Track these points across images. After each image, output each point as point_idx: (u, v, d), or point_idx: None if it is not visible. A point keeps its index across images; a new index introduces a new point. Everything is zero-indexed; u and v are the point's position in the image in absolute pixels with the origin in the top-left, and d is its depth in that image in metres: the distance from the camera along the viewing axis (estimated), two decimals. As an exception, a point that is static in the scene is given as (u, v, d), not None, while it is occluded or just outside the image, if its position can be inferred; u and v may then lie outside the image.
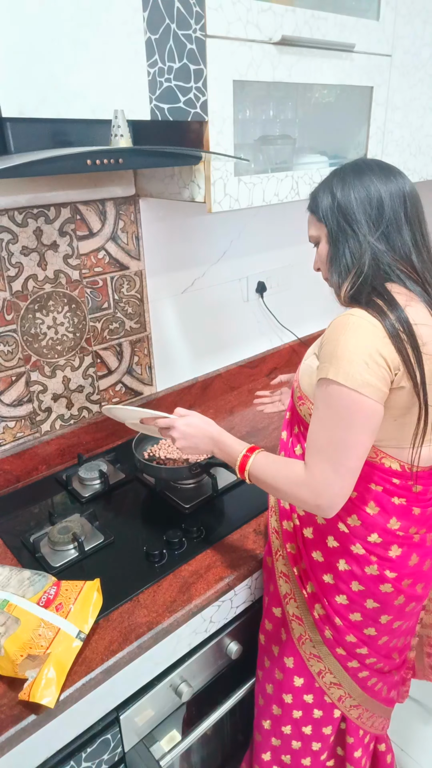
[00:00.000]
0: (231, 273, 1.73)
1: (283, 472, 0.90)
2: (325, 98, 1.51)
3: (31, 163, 0.79)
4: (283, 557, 1.05)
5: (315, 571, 1.00)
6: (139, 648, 0.94)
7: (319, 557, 0.99)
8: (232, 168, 1.14)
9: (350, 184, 0.89)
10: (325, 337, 0.85)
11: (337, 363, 0.80)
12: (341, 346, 0.81)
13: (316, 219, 0.94)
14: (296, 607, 1.04)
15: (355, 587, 0.96)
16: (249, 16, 1.05)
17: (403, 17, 1.39)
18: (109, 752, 1.01)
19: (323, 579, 0.99)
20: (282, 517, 1.05)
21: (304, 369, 0.97)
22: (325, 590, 0.99)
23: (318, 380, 0.84)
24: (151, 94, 0.97)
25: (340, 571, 0.96)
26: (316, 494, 0.85)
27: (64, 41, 0.85)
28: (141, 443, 1.40)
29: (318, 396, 0.84)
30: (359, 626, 0.99)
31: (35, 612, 0.93)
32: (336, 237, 0.90)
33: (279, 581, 1.06)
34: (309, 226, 0.97)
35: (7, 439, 1.36)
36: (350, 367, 0.79)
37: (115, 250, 1.40)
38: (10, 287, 1.25)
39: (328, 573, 0.98)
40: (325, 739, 1.11)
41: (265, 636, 1.13)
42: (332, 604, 0.99)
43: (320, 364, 0.84)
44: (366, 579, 0.95)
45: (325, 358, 0.83)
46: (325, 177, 0.95)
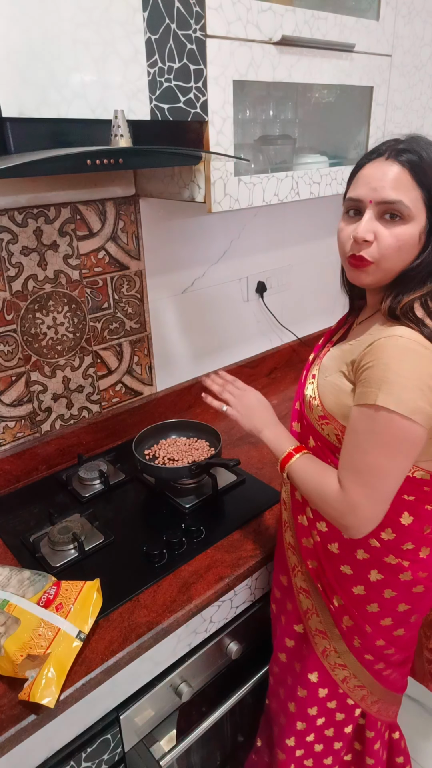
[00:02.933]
0: (231, 273, 1.73)
1: (317, 482, 0.88)
2: (325, 98, 1.51)
3: (31, 163, 0.79)
4: (302, 573, 1.02)
5: (343, 584, 0.97)
6: (139, 648, 0.94)
7: (348, 570, 0.95)
8: (232, 168, 1.14)
9: None
10: (367, 360, 0.80)
11: (389, 389, 0.76)
12: (393, 371, 0.76)
13: (422, 191, 0.79)
14: (320, 622, 1.02)
15: (387, 594, 0.95)
16: (249, 16, 1.05)
17: (403, 17, 1.39)
18: (109, 752, 1.01)
19: (353, 591, 0.96)
20: (300, 534, 1.01)
21: (328, 387, 0.90)
22: (356, 601, 0.96)
23: (360, 404, 0.80)
24: (151, 94, 0.97)
25: (372, 582, 0.94)
26: (346, 516, 0.83)
27: (64, 41, 0.85)
28: (141, 443, 1.40)
29: (359, 420, 0.80)
30: (389, 629, 0.98)
31: (35, 612, 0.93)
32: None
33: (299, 597, 1.04)
34: (398, 186, 0.79)
35: (7, 439, 1.36)
36: (403, 394, 0.75)
37: (115, 250, 1.40)
38: (10, 287, 1.25)
39: (358, 585, 0.95)
40: (345, 737, 1.12)
41: (286, 654, 1.10)
42: (363, 614, 0.97)
43: (363, 389, 0.79)
44: (399, 585, 0.94)
45: (372, 383, 0.77)
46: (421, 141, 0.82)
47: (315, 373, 0.96)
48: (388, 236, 0.80)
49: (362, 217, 0.81)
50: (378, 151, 0.82)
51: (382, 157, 0.81)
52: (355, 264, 0.84)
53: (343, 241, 0.85)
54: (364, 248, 0.82)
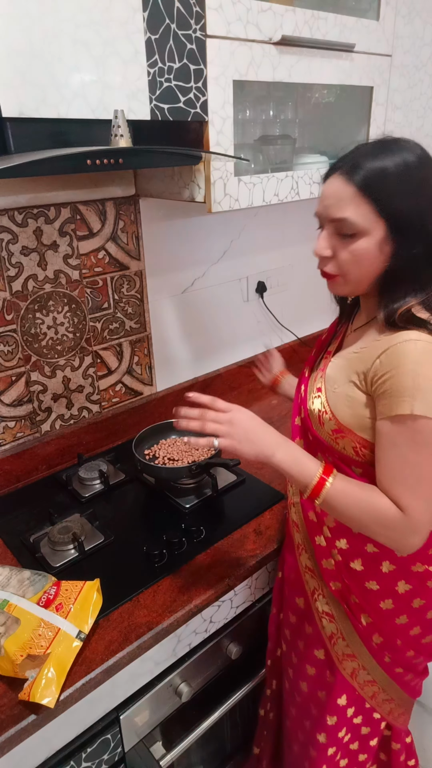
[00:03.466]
0: (231, 273, 1.73)
1: (367, 506, 0.81)
2: (325, 98, 1.51)
3: (31, 163, 0.79)
4: (324, 596, 0.98)
5: (370, 600, 0.94)
6: (139, 648, 0.94)
7: (374, 586, 0.92)
8: (232, 168, 1.14)
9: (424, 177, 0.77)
10: (385, 369, 0.78)
11: (423, 396, 0.74)
12: (422, 376, 0.74)
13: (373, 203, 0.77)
14: (347, 646, 0.98)
15: (416, 604, 0.93)
16: (249, 16, 1.05)
17: (403, 17, 1.39)
18: (109, 752, 1.01)
19: (381, 606, 0.94)
20: (320, 556, 0.96)
21: (341, 399, 0.86)
22: (385, 617, 0.94)
23: (391, 417, 0.77)
24: (151, 94, 0.97)
25: (401, 594, 0.92)
26: (410, 536, 0.80)
27: (64, 41, 0.85)
28: (141, 443, 1.40)
29: (396, 432, 0.77)
30: (418, 638, 0.97)
31: (35, 612, 0.93)
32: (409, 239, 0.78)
33: (321, 622, 1.00)
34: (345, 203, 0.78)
35: (7, 439, 1.36)
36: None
37: (115, 250, 1.40)
38: (10, 287, 1.25)
39: (386, 599, 0.93)
40: (370, 750, 1.10)
41: (307, 683, 1.06)
42: (393, 629, 0.95)
43: (391, 400, 0.77)
44: (428, 592, 0.92)
45: (402, 392, 0.75)
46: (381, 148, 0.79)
47: (320, 386, 0.92)
48: (344, 252, 0.81)
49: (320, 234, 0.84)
50: (335, 165, 0.83)
51: (336, 172, 0.81)
52: (324, 276, 0.87)
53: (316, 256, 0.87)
54: (325, 263, 0.84)
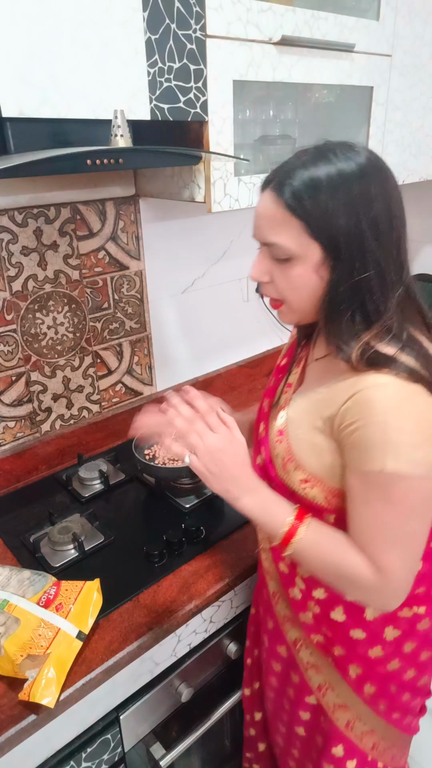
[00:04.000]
0: (231, 273, 1.73)
1: (342, 567, 0.74)
2: (325, 98, 1.51)
3: (31, 163, 0.79)
4: (306, 647, 0.91)
5: (357, 650, 0.86)
6: (139, 648, 0.94)
7: (360, 634, 0.84)
8: (232, 168, 1.14)
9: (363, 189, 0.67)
10: (353, 418, 0.68)
11: (395, 451, 0.65)
12: (393, 428, 0.65)
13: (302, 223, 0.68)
14: (337, 696, 0.90)
15: (408, 648, 0.87)
16: (249, 16, 1.05)
17: (403, 17, 1.39)
18: (109, 752, 1.01)
19: (369, 655, 0.86)
20: (296, 608, 0.89)
21: (306, 446, 0.77)
22: (374, 665, 0.87)
23: (362, 472, 0.69)
24: (151, 94, 0.97)
25: (390, 641, 0.85)
26: (387, 598, 0.75)
27: (64, 41, 0.85)
28: (141, 443, 1.40)
29: (367, 489, 0.69)
30: (413, 681, 0.91)
31: (35, 612, 0.93)
32: (348, 263, 0.68)
33: (307, 673, 0.93)
34: (273, 225, 0.70)
35: (7, 439, 1.36)
36: (414, 453, 0.65)
37: (115, 250, 1.40)
38: (10, 287, 1.25)
39: (374, 647, 0.85)
40: None
41: (304, 727, 0.99)
42: (385, 676, 0.88)
43: (362, 454, 0.68)
44: (418, 635, 0.87)
45: (372, 446, 0.67)
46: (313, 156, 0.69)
47: (282, 429, 0.82)
48: (281, 278, 0.73)
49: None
50: (267, 180, 0.73)
51: (268, 187, 0.72)
52: (271, 303, 0.79)
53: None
54: (265, 288, 0.77)
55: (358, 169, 0.67)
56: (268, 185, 0.72)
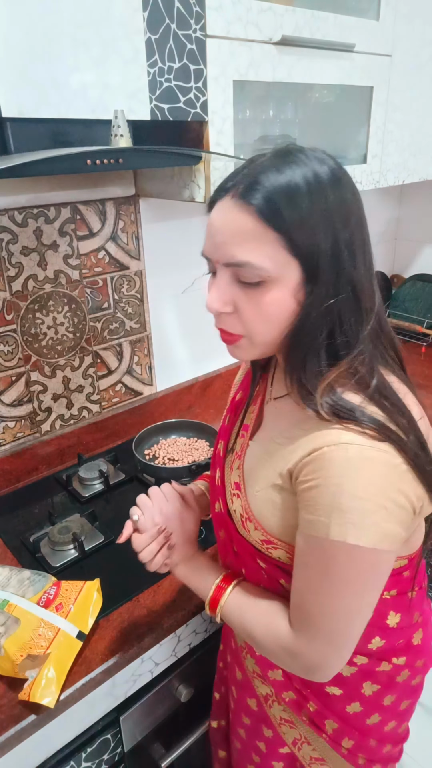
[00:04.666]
0: (231, 273, 1.73)
1: (263, 628, 0.70)
2: (325, 98, 1.51)
3: (31, 163, 0.79)
4: (278, 703, 0.84)
5: (333, 706, 0.79)
6: (139, 648, 0.94)
7: (336, 691, 0.78)
8: (232, 168, 1.14)
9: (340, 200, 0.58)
10: (309, 476, 0.60)
11: (342, 517, 0.58)
12: (346, 494, 0.57)
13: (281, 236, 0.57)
14: (313, 750, 0.84)
15: (387, 701, 0.81)
16: (249, 16, 1.05)
17: (403, 17, 1.39)
18: (109, 752, 1.01)
19: (347, 711, 0.80)
20: (264, 668, 0.82)
21: (265, 506, 0.69)
22: (353, 720, 0.80)
23: (308, 537, 0.62)
24: (151, 94, 0.97)
25: (368, 696, 0.79)
26: (311, 670, 0.68)
27: (64, 41, 0.85)
28: (141, 443, 1.40)
29: (308, 552, 0.63)
30: (393, 731, 0.86)
31: (35, 612, 0.93)
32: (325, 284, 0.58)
33: (281, 729, 0.87)
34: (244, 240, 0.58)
35: (7, 439, 1.36)
36: (363, 520, 0.57)
37: (115, 250, 1.40)
38: (10, 287, 1.25)
39: (352, 703, 0.79)
40: None
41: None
42: (364, 730, 0.82)
43: (310, 515, 0.60)
44: (398, 687, 0.81)
45: (320, 509, 0.59)
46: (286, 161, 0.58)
47: (238, 481, 0.74)
48: (249, 307, 0.60)
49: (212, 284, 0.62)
50: (224, 186, 0.61)
51: (228, 194, 0.59)
52: (224, 338, 0.65)
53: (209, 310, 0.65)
54: (224, 320, 0.63)
55: (332, 175, 0.59)
56: (227, 193, 0.59)
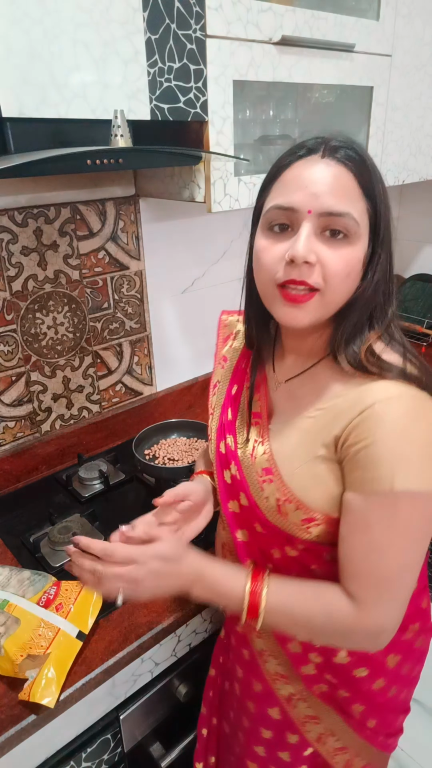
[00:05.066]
0: (231, 273, 1.73)
1: (319, 613, 0.67)
2: (325, 98, 1.51)
3: (31, 163, 0.79)
4: (305, 700, 0.83)
5: (360, 687, 0.81)
6: (139, 648, 0.94)
7: (363, 672, 0.80)
8: (232, 168, 1.14)
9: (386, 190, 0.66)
10: (361, 435, 0.63)
11: (405, 467, 0.61)
12: (406, 443, 0.61)
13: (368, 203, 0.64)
14: (337, 740, 0.85)
15: (405, 670, 0.84)
16: (249, 16, 1.05)
17: (403, 17, 1.39)
18: (109, 752, 1.01)
19: (373, 689, 0.81)
20: (296, 664, 0.81)
21: (308, 481, 0.69)
22: (377, 698, 0.82)
23: (367, 492, 0.63)
24: (151, 94, 0.97)
25: (390, 669, 0.81)
26: (375, 636, 0.68)
27: (64, 41, 0.85)
28: (141, 443, 1.40)
29: (371, 512, 0.63)
30: (406, 700, 0.89)
31: (35, 612, 0.93)
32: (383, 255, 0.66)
33: (305, 727, 0.85)
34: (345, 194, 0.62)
35: (7, 439, 1.36)
36: (425, 467, 0.61)
37: (115, 250, 1.40)
38: (10, 287, 1.25)
39: (378, 679, 0.81)
40: None
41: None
42: (384, 704, 0.83)
43: (366, 473, 0.63)
44: (415, 654, 0.84)
45: (383, 465, 0.61)
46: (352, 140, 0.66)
47: (269, 467, 0.73)
48: (336, 259, 0.62)
49: (298, 233, 0.62)
50: (307, 147, 0.65)
51: (315, 154, 0.63)
52: (292, 298, 0.64)
53: (271, 267, 0.65)
54: (305, 271, 0.62)
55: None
56: (312, 152, 0.64)
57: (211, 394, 0.90)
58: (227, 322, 0.97)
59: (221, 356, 0.92)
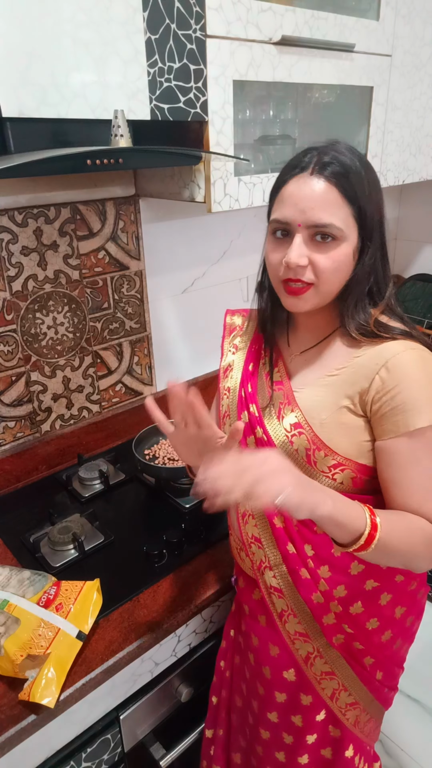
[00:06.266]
0: (231, 273, 1.73)
1: (418, 535, 0.75)
2: (325, 98, 1.51)
3: (31, 163, 0.79)
4: (322, 656, 0.89)
5: (372, 640, 0.89)
6: (139, 648, 0.94)
7: (375, 624, 0.88)
8: (232, 168, 1.14)
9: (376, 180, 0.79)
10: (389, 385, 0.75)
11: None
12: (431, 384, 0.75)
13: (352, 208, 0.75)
14: (348, 695, 0.91)
15: (408, 622, 0.92)
16: (249, 16, 1.05)
17: (403, 17, 1.39)
18: (109, 752, 1.01)
19: (382, 640, 0.90)
20: (318, 615, 0.86)
21: (334, 429, 0.80)
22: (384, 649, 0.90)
23: (409, 432, 0.74)
24: (151, 94, 0.97)
25: (397, 619, 0.90)
26: None
27: (64, 41, 0.85)
28: (141, 443, 1.40)
29: (418, 448, 0.75)
30: (405, 653, 0.96)
31: (35, 612, 0.93)
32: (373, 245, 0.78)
33: (321, 684, 0.90)
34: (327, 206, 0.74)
35: (7, 439, 1.36)
36: None
37: (115, 250, 1.40)
38: (10, 287, 1.25)
39: (386, 631, 0.89)
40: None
41: (309, 754, 0.95)
42: (390, 656, 0.91)
43: (406, 415, 0.74)
44: (417, 606, 0.92)
45: (417, 405, 0.74)
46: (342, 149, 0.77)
47: (297, 422, 0.82)
48: (323, 259, 0.76)
49: (292, 242, 0.76)
50: (300, 165, 0.77)
51: (305, 172, 0.76)
52: (292, 291, 0.78)
53: (275, 266, 0.80)
54: (299, 271, 0.77)
55: (368, 162, 0.79)
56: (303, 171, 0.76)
57: (222, 379, 1.00)
58: (230, 320, 1.08)
59: (231, 345, 1.03)
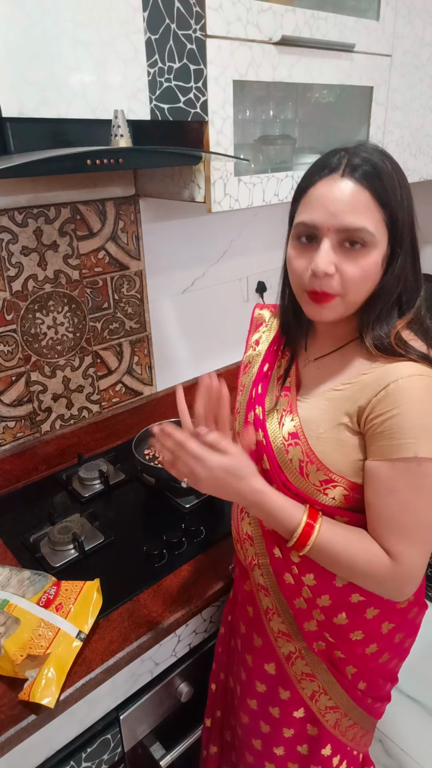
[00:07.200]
0: (231, 273, 1.73)
1: (361, 556, 0.75)
2: (325, 98, 1.51)
3: (31, 163, 0.79)
4: (303, 658, 0.89)
5: (355, 650, 0.87)
6: (139, 648, 0.94)
7: (359, 635, 0.86)
8: (232, 168, 1.14)
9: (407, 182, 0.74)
10: (387, 407, 0.71)
11: (430, 436, 0.69)
12: (428, 416, 0.69)
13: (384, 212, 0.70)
14: (329, 699, 0.90)
15: (398, 639, 0.90)
16: (249, 16, 1.05)
17: (403, 17, 1.39)
18: (109, 752, 1.01)
19: (366, 653, 0.88)
20: (300, 620, 0.86)
21: (330, 444, 0.77)
22: (368, 661, 0.89)
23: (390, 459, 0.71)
24: (151, 94, 0.97)
25: (384, 635, 0.87)
26: (404, 585, 0.76)
27: (64, 41, 0.85)
28: (141, 443, 1.40)
29: (394, 476, 0.71)
30: (395, 668, 0.94)
31: (35, 612, 0.93)
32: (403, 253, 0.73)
33: (300, 684, 0.91)
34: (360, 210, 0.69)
35: (7, 439, 1.36)
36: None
37: (115, 250, 1.40)
38: (10, 287, 1.25)
39: (371, 644, 0.87)
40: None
41: (284, 747, 0.97)
42: (375, 669, 0.90)
43: (392, 441, 0.70)
44: (408, 624, 0.90)
45: (405, 433, 0.69)
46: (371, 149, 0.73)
47: (295, 431, 0.81)
48: (352, 268, 0.71)
49: (319, 246, 0.71)
50: (329, 165, 0.71)
51: (335, 173, 0.70)
52: (317, 299, 0.73)
53: (299, 273, 0.74)
54: (325, 282, 0.71)
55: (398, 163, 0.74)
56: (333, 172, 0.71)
57: (241, 373, 0.98)
58: (258, 314, 1.04)
59: (254, 340, 0.99)
